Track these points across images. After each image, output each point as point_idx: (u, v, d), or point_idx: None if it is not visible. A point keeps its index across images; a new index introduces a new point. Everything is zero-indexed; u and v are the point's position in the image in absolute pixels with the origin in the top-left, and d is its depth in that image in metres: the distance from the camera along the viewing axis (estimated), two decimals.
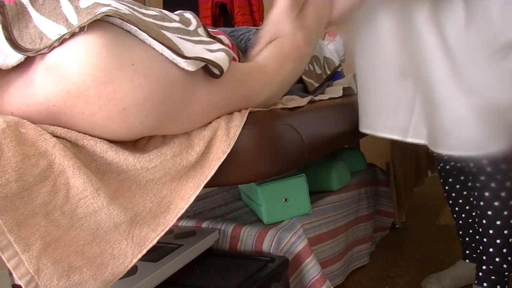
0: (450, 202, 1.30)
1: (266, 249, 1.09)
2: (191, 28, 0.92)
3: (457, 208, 1.29)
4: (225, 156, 0.78)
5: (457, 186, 1.26)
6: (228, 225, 1.17)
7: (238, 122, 0.82)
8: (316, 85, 1.39)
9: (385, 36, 1.05)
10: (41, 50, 0.65)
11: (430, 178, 2.30)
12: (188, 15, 0.97)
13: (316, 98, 1.19)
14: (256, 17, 2.97)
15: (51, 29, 0.67)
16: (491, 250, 1.12)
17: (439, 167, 1.28)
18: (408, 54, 1.02)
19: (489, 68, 0.92)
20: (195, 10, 2.92)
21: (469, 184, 1.23)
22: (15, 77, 0.68)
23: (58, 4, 0.70)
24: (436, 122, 1.00)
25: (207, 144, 0.79)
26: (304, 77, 1.36)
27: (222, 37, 1.07)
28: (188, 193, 0.76)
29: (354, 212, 1.44)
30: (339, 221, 1.34)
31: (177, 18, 0.92)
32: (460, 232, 1.32)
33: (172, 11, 0.95)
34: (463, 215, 1.28)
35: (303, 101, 1.07)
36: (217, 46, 0.82)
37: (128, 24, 0.67)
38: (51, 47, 0.64)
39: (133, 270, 0.89)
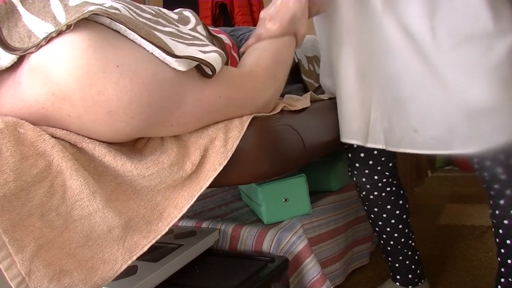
0: (377, 229, 1.24)
1: (266, 249, 1.09)
2: (190, 26, 0.92)
3: (384, 236, 1.23)
4: (221, 167, 0.77)
5: (384, 215, 1.21)
6: (228, 225, 1.17)
7: (237, 133, 0.80)
8: (316, 85, 1.39)
9: (346, 31, 1.02)
10: (29, 49, 0.64)
11: (430, 178, 2.30)
12: (187, 13, 0.97)
13: (316, 95, 1.19)
14: (256, 17, 2.96)
15: (40, 28, 0.67)
16: (509, 261, 1.05)
17: (361, 196, 1.22)
18: (368, 50, 0.99)
19: (463, 64, 0.90)
20: (195, 10, 2.92)
21: (397, 212, 1.20)
22: (5, 77, 0.68)
23: (48, 2, 0.69)
24: (401, 119, 0.97)
25: (203, 153, 0.78)
26: (304, 77, 1.36)
27: (223, 36, 1.06)
28: (182, 202, 0.75)
29: (354, 212, 1.44)
30: (339, 221, 1.34)
31: (175, 16, 0.91)
32: (389, 259, 1.27)
33: (171, 10, 0.95)
34: (392, 242, 1.23)
35: (307, 101, 1.06)
36: (211, 48, 0.80)
37: (117, 23, 0.66)
38: (38, 46, 0.63)
39: (133, 270, 0.89)
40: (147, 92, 0.67)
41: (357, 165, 1.18)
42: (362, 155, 1.16)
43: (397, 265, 1.26)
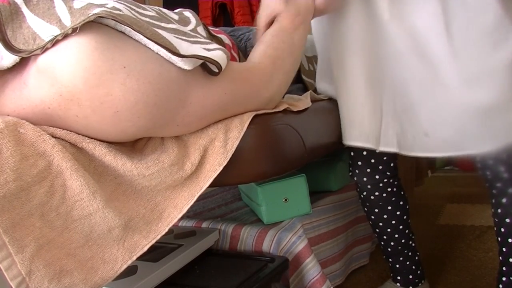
0: (377, 230, 1.24)
1: (266, 249, 1.09)
2: (190, 27, 0.92)
3: (385, 237, 1.23)
4: (221, 168, 0.78)
5: (385, 216, 1.21)
6: (228, 225, 1.17)
7: (237, 134, 0.80)
8: None
9: (353, 40, 1.03)
10: (34, 51, 0.64)
11: (430, 178, 2.30)
12: (188, 13, 0.97)
13: (316, 95, 1.19)
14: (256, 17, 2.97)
15: (44, 30, 0.67)
16: (511, 260, 1.05)
17: (362, 196, 1.22)
18: (376, 57, 1.00)
19: (469, 65, 0.90)
20: (195, 10, 2.92)
21: (397, 212, 1.20)
22: (10, 78, 0.68)
23: (52, 4, 0.69)
24: (412, 124, 0.98)
25: (202, 154, 0.78)
26: (304, 77, 1.36)
27: (223, 36, 1.06)
28: (182, 202, 0.75)
29: (354, 212, 1.44)
30: (339, 221, 1.34)
31: (176, 17, 0.91)
32: (390, 260, 1.27)
33: (171, 10, 0.95)
34: (392, 243, 1.23)
35: (308, 100, 1.07)
36: (214, 45, 0.80)
37: (122, 25, 0.66)
38: (44, 48, 0.64)
39: (133, 270, 0.89)
40: (153, 92, 0.68)
41: (359, 163, 1.18)
42: (364, 153, 1.16)
43: (397, 266, 1.26)
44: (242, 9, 2.90)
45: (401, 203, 1.21)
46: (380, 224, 1.22)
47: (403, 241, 1.23)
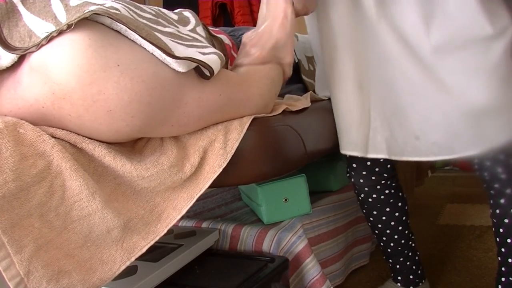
0: (376, 232, 1.24)
1: (266, 249, 1.09)
2: (190, 27, 0.92)
3: (384, 238, 1.23)
4: (220, 170, 0.77)
5: (383, 218, 1.20)
6: (228, 225, 1.17)
7: (236, 135, 0.80)
8: None
9: (342, 42, 1.02)
10: (29, 48, 0.64)
11: (430, 178, 2.30)
12: (187, 13, 0.97)
13: (316, 95, 1.19)
14: (256, 17, 2.96)
15: (40, 27, 0.67)
16: (509, 260, 1.05)
17: (360, 198, 1.22)
18: (364, 60, 0.99)
19: (461, 67, 0.90)
20: (195, 10, 2.92)
21: (396, 214, 1.20)
22: (5, 77, 0.68)
23: (48, 2, 0.70)
24: (403, 127, 0.97)
25: (202, 155, 0.78)
26: (304, 77, 1.36)
27: (223, 36, 1.06)
28: (181, 204, 0.75)
29: (354, 212, 1.43)
30: (339, 221, 1.34)
31: (175, 17, 0.91)
32: (390, 261, 1.27)
33: (171, 10, 0.95)
34: (392, 244, 1.23)
35: (307, 100, 1.06)
36: (210, 50, 0.80)
37: (118, 23, 0.66)
38: (39, 45, 0.63)
39: (133, 270, 0.89)
40: (147, 91, 0.67)
41: (354, 165, 1.18)
42: (359, 156, 1.16)
43: (397, 266, 1.26)
44: (242, 9, 2.89)
45: (400, 204, 1.21)
46: (379, 225, 1.22)
47: (402, 241, 1.23)
